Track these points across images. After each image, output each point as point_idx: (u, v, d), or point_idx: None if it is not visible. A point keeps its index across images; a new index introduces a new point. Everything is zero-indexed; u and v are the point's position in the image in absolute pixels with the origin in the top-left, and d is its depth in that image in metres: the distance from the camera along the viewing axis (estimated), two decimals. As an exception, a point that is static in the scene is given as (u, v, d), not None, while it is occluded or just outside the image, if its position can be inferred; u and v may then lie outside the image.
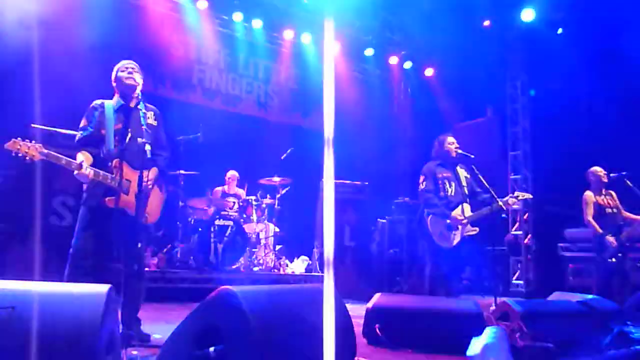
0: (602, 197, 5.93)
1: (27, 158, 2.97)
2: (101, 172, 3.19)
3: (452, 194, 4.74)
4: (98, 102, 3.43)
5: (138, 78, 3.43)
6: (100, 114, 3.36)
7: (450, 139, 4.96)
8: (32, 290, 1.84)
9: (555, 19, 9.01)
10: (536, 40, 9.47)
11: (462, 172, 4.94)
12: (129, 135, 3.36)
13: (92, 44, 6.75)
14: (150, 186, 3.39)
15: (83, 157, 3.20)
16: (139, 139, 3.18)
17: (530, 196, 5.10)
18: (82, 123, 3.39)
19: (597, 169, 6.06)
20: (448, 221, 4.64)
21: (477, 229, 4.73)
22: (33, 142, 2.98)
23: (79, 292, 1.87)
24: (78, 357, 1.67)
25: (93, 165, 3.20)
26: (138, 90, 3.42)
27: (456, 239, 4.65)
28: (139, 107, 3.35)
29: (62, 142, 5.46)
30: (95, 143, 3.32)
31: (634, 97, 7.76)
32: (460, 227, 4.65)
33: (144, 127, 3.17)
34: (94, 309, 1.80)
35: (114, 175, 3.24)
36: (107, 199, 3.23)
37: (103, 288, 1.91)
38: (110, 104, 3.42)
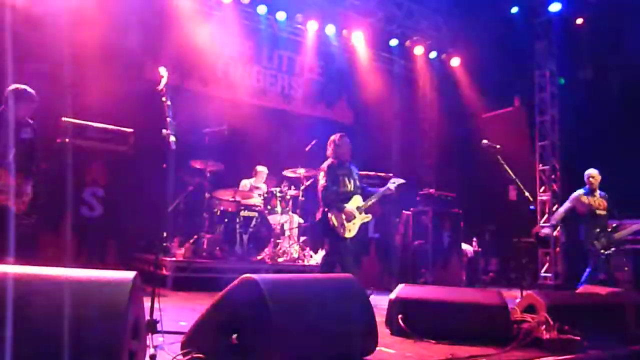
0: (594, 198, 6.13)
1: None
2: None
3: (349, 189, 5.00)
4: None
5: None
6: None
7: (347, 144, 5.12)
8: (60, 276, 1.90)
9: (583, 6, 8.79)
10: (565, 28, 9.25)
11: (354, 169, 5.17)
12: (9, 146, 3.96)
13: (122, 40, 6.88)
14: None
15: None
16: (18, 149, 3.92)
17: (403, 181, 5.18)
18: None
19: (595, 173, 6.19)
20: (345, 214, 4.87)
21: (371, 216, 5.10)
22: None
23: (106, 278, 1.92)
24: (104, 342, 1.72)
25: None
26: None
27: (355, 229, 4.92)
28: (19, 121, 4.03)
29: (92, 135, 5.60)
30: None
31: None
32: (356, 216, 4.93)
33: (23, 139, 3.94)
34: (120, 295, 1.85)
35: None
36: None
37: (129, 275, 1.96)
38: None
